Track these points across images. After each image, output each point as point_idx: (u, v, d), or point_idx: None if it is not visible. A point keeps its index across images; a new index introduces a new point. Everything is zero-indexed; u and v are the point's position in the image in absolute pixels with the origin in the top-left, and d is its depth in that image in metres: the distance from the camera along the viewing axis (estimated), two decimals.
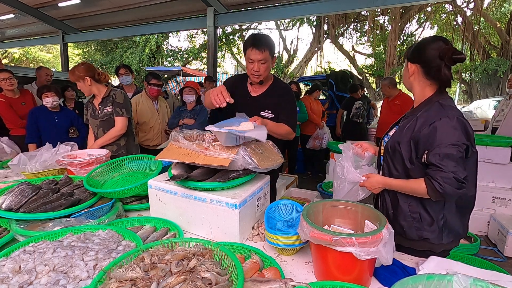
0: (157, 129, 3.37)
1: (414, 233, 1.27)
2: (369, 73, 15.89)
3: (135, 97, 3.35)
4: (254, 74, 1.76)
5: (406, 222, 1.28)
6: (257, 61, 1.71)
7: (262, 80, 1.81)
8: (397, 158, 1.27)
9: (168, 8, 7.12)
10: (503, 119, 3.73)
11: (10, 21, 9.02)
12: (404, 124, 1.29)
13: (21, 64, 19.38)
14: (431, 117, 1.17)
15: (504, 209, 3.12)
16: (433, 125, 1.14)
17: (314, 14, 8.73)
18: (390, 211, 1.33)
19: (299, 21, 15.27)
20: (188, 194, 1.32)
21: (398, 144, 1.26)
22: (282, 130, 1.80)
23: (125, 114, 2.36)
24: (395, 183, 1.25)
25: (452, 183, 1.08)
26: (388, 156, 1.32)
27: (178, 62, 17.31)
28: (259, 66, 1.72)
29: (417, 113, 1.25)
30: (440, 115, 1.15)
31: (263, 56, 1.69)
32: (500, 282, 0.81)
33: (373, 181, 1.31)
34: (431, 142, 1.14)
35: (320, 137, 5.09)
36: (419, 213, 1.25)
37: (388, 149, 1.31)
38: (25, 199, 1.37)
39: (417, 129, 1.19)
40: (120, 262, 0.90)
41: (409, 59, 1.29)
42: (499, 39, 12.69)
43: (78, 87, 2.35)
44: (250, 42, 1.71)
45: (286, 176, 4.14)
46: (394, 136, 1.32)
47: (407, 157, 1.23)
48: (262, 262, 1.06)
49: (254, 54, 1.70)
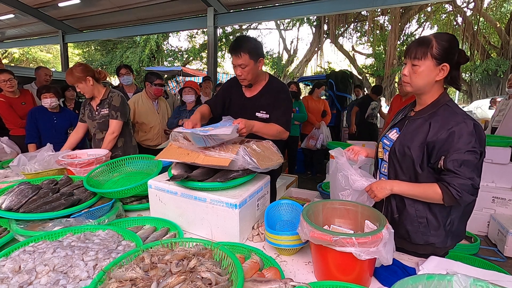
0: (157, 129, 3.37)
1: (419, 237, 1.25)
2: (369, 73, 15.90)
3: (134, 97, 3.34)
4: (239, 78, 1.80)
5: (412, 227, 1.25)
6: (237, 65, 1.74)
7: (251, 83, 1.83)
8: (406, 163, 1.23)
9: (168, 8, 7.12)
10: (503, 119, 3.73)
11: (10, 21, 9.02)
12: (411, 127, 1.24)
13: (21, 64, 19.38)
14: (447, 123, 1.13)
15: (504, 209, 3.12)
16: (450, 131, 1.11)
17: (314, 14, 8.73)
18: (395, 215, 1.30)
19: (299, 21, 15.29)
20: (188, 194, 1.32)
21: (408, 148, 1.21)
22: (272, 130, 1.76)
23: (119, 118, 2.34)
24: (406, 187, 1.20)
25: (469, 190, 1.08)
26: (395, 160, 1.27)
27: (178, 62, 17.33)
28: (241, 70, 1.75)
29: (424, 115, 1.22)
30: (457, 120, 1.12)
31: (242, 60, 1.71)
32: (500, 282, 0.81)
33: (382, 184, 1.23)
34: (448, 148, 1.11)
35: (315, 137, 5.03)
36: (426, 218, 1.23)
37: (395, 153, 1.26)
38: (25, 199, 1.37)
39: (433, 134, 1.15)
40: (120, 262, 0.90)
41: (440, 58, 1.14)
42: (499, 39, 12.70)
43: (78, 89, 2.30)
44: (230, 48, 1.77)
45: (286, 176, 4.14)
46: (400, 139, 1.26)
47: (418, 162, 1.20)
48: (262, 262, 1.06)
49: (233, 59, 1.75)
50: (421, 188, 1.18)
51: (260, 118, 1.83)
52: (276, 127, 1.79)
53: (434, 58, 1.14)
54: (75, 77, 2.24)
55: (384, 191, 1.22)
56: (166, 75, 13.05)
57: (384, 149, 1.35)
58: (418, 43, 1.17)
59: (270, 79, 1.91)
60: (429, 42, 1.14)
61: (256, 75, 1.82)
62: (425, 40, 1.16)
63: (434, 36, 1.16)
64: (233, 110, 1.90)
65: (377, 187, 1.23)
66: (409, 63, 1.20)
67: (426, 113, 1.23)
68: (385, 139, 1.37)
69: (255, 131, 1.66)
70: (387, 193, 1.22)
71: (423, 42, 1.16)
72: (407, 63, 1.22)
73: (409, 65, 1.20)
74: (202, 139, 1.33)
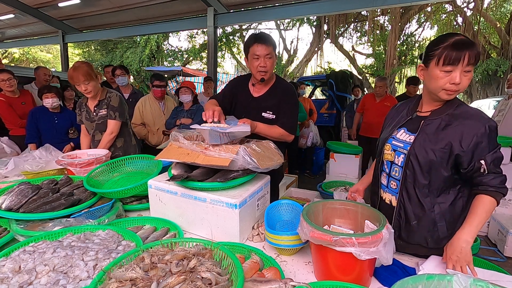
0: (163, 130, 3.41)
1: (437, 242, 1.22)
2: (369, 73, 15.88)
3: (142, 99, 3.40)
4: (261, 70, 1.72)
5: (431, 232, 1.23)
6: (263, 56, 1.69)
7: (264, 78, 1.76)
8: (429, 166, 1.18)
9: (168, 8, 7.11)
10: (502, 119, 3.73)
11: (10, 21, 9.01)
12: (431, 129, 1.20)
13: (21, 64, 19.37)
14: (475, 125, 1.11)
15: (504, 209, 3.12)
16: (481, 132, 1.10)
17: (314, 14, 8.72)
18: (413, 222, 1.25)
19: (299, 21, 15.26)
20: (188, 194, 1.32)
21: (432, 151, 1.16)
22: (275, 132, 1.76)
23: (118, 118, 2.33)
24: (474, 228, 1.11)
25: (506, 182, 1.13)
26: (415, 164, 1.20)
27: (178, 62, 17.31)
28: (266, 61, 1.70)
29: (441, 115, 1.19)
30: (484, 121, 1.11)
31: (269, 50, 1.69)
32: (500, 282, 0.81)
33: (457, 250, 1.11)
34: (482, 150, 1.10)
35: (305, 135, 5.20)
36: (445, 220, 1.21)
37: (415, 156, 1.20)
38: (25, 199, 1.37)
39: (462, 138, 1.12)
40: (120, 262, 0.90)
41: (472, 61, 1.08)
42: (499, 39, 12.69)
43: (86, 87, 2.18)
44: (253, 39, 1.71)
45: (286, 176, 4.14)
46: (420, 142, 1.20)
47: (442, 165, 1.16)
48: (262, 262, 1.06)
49: (260, 49, 1.68)
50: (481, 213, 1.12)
51: (266, 118, 1.81)
52: (279, 130, 1.78)
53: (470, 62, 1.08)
54: (89, 74, 2.13)
55: (467, 251, 1.12)
56: (166, 75, 13.05)
57: (396, 152, 1.28)
58: (467, 47, 1.06)
59: (278, 79, 1.90)
60: (474, 45, 1.08)
61: (272, 71, 1.81)
62: (472, 43, 1.08)
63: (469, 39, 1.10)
64: (239, 109, 1.88)
65: (459, 256, 1.10)
66: (459, 69, 1.08)
67: (443, 113, 1.19)
68: (394, 140, 1.31)
69: (257, 131, 1.67)
70: (469, 250, 1.12)
71: (472, 46, 1.07)
72: (455, 70, 1.08)
73: (459, 71, 1.08)
74: (218, 136, 1.35)
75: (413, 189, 1.23)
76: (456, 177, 1.19)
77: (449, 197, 1.20)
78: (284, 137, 1.81)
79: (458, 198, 1.21)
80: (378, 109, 4.34)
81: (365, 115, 4.61)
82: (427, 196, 1.21)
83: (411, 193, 1.24)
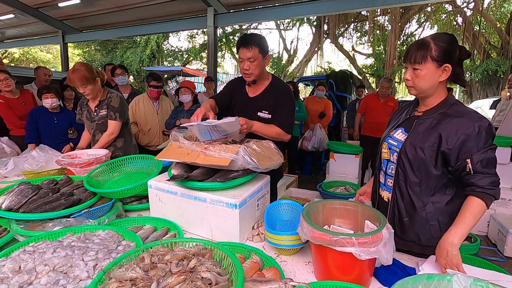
0: (155, 130, 3.36)
1: (430, 240, 1.22)
2: (369, 73, 15.89)
3: (136, 98, 3.35)
4: (245, 72, 1.77)
5: (423, 230, 1.23)
6: (246, 59, 1.72)
7: (255, 80, 1.80)
8: (418, 164, 1.19)
9: (168, 8, 7.11)
10: (503, 119, 3.73)
11: (10, 21, 9.01)
12: (422, 127, 1.21)
13: (21, 64, 19.38)
14: (463, 124, 1.11)
15: (504, 209, 3.12)
16: (470, 131, 1.09)
17: (314, 14, 8.72)
18: (405, 218, 1.26)
19: (299, 21, 15.28)
20: (188, 194, 1.32)
21: (421, 149, 1.18)
22: (272, 131, 1.77)
23: (118, 119, 2.33)
24: (460, 230, 1.08)
25: (498, 185, 1.10)
26: (405, 161, 1.23)
27: (178, 62, 17.32)
28: (249, 64, 1.73)
29: (433, 115, 1.20)
30: (474, 119, 1.11)
31: (252, 54, 1.70)
32: (500, 282, 0.81)
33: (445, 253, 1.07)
34: (469, 149, 1.09)
35: (308, 138, 5.01)
36: (437, 220, 1.21)
37: (405, 154, 1.22)
38: (25, 199, 1.37)
39: (449, 136, 1.12)
40: (120, 262, 0.90)
41: (440, 59, 1.13)
42: (499, 39, 12.69)
43: (84, 90, 2.20)
44: (239, 41, 1.76)
45: (286, 176, 4.15)
46: (411, 140, 1.22)
47: (431, 163, 1.17)
48: (262, 262, 1.06)
49: (242, 52, 1.72)
50: (468, 215, 1.10)
51: (262, 118, 1.82)
52: (276, 129, 1.78)
53: (435, 61, 1.13)
54: (85, 78, 2.15)
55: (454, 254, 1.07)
56: (166, 75, 13.06)
57: (390, 150, 1.31)
58: (416, 47, 1.15)
59: (273, 79, 1.91)
60: (427, 45, 1.13)
61: (262, 72, 1.81)
62: (424, 43, 1.15)
63: (432, 38, 1.14)
64: (237, 109, 1.90)
65: (446, 259, 1.07)
66: (410, 67, 1.18)
67: (435, 112, 1.21)
68: (390, 139, 1.33)
69: (254, 130, 1.67)
70: (457, 252, 1.07)
71: (422, 46, 1.14)
72: (408, 67, 1.19)
73: (410, 69, 1.19)
74: (207, 132, 1.36)
75: (405, 187, 1.25)
76: (450, 177, 1.19)
77: (445, 197, 1.20)
78: (281, 136, 1.82)
79: (455, 198, 1.20)
80: (383, 109, 4.37)
81: (369, 115, 4.60)
82: (420, 194, 1.22)
83: (403, 191, 1.26)
